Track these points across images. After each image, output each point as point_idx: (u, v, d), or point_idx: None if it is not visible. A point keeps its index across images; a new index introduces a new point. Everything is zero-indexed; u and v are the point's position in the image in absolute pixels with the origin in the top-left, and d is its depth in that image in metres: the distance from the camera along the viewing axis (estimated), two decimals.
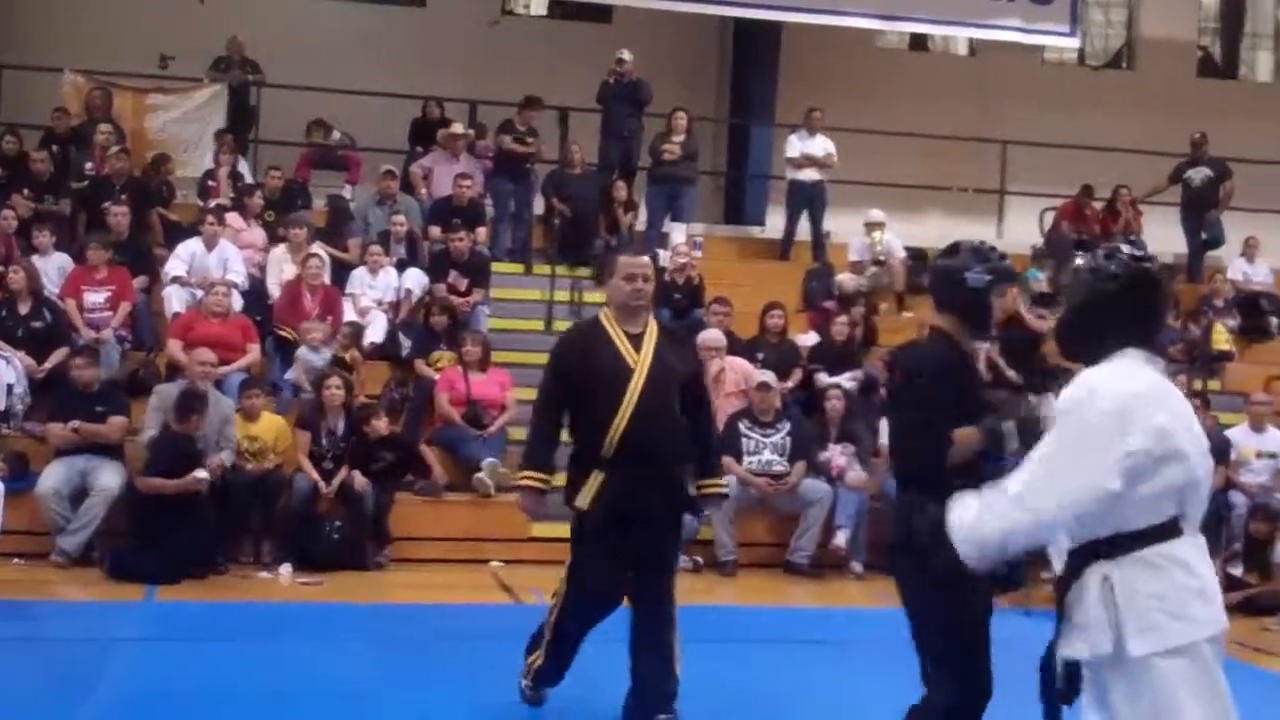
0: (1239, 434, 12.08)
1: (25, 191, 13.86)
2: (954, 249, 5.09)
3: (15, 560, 10.33)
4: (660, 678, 6.32)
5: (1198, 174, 17.35)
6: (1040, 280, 14.57)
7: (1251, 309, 16.21)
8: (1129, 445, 3.71)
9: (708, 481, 6.63)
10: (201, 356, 11.13)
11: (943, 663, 4.85)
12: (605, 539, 6.20)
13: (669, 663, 6.33)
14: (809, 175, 16.32)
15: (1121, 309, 3.92)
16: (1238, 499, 11.40)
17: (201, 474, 10.21)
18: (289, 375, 12.25)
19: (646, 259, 6.58)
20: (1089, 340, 3.95)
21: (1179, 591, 3.74)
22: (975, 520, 3.89)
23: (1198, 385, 14.02)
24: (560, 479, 6.48)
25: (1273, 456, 11.97)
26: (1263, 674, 8.51)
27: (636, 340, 6.30)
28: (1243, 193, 17.43)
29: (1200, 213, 17.35)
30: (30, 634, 8.43)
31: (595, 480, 6.19)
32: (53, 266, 12.80)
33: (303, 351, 12.17)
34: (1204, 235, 17.29)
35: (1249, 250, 16.90)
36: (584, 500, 6.21)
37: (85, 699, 6.82)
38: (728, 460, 10.92)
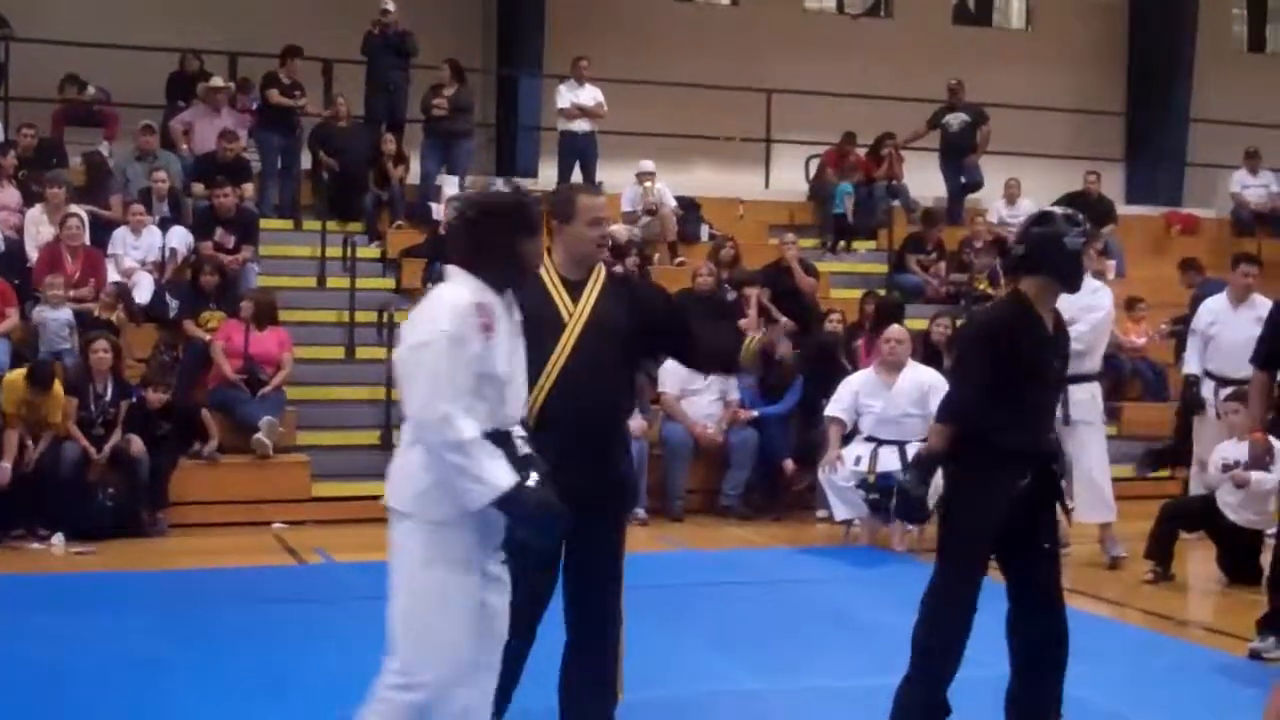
0: None
1: None
2: (1047, 217, 5.36)
3: None
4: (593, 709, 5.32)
5: (955, 119, 17.79)
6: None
7: (1005, 250, 16.67)
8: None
9: None
10: None
11: None
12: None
13: (604, 687, 5.28)
14: (580, 126, 16.37)
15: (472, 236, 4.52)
16: None
17: None
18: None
19: (604, 198, 5.57)
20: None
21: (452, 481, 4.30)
22: None
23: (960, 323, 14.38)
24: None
25: None
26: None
27: (576, 288, 5.24)
28: (999, 137, 17.95)
29: (959, 157, 17.80)
30: None
31: None
32: None
33: (40, 310, 11.72)
34: (963, 179, 17.78)
35: (1009, 192, 17.40)
36: None
37: None
38: None
